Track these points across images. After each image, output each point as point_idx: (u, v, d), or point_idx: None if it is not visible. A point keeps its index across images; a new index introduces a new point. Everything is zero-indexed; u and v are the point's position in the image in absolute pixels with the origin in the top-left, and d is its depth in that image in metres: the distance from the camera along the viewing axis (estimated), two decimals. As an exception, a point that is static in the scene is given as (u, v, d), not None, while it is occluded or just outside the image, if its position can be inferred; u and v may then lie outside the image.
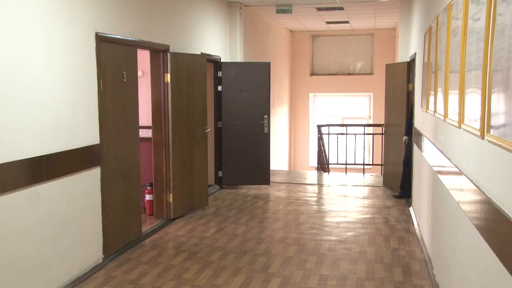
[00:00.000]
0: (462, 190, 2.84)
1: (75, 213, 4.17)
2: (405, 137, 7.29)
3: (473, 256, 2.58)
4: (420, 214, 5.56)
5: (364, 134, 10.10)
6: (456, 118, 3.04)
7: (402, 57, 7.95)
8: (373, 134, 10.72)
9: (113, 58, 4.76)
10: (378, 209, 6.75)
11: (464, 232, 2.82)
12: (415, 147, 6.41)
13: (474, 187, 2.48)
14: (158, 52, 5.84)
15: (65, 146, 4.01)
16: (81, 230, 4.27)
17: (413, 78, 6.90)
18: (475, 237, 2.46)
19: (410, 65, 7.22)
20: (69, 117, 4.07)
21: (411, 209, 6.57)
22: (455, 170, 3.10)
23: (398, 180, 7.65)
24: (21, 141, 3.52)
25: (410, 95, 7.21)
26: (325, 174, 9.82)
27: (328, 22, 11.67)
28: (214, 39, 7.67)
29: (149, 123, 6.09)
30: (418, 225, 5.68)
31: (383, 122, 8.61)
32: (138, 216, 5.32)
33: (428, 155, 4.75)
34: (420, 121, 5.75)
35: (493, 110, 2.11)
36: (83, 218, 4.30)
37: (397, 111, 7.63)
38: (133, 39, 5.07)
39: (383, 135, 8.58)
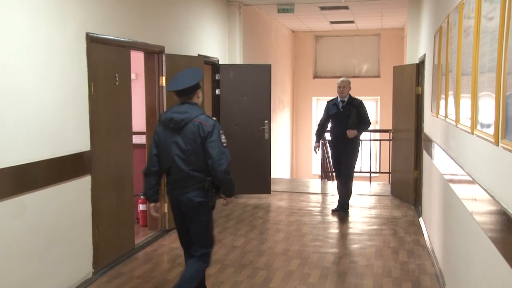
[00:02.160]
0: (475, 200, 2.82)
1: (63, 225, 4.15)
2: (315, 144, 7.03)
3: (488, 270, 2.56)
4: (430, 225, 5.54)
5: (370, 140, 10.09)
6: (468, 123, 3.03)
7: (411, 58, 7.94)
8: (380, 140, 10.71)
9: (105, 60, 4.76)
10: (386, 219, 6.72)
11: (478, 245, 2.80)
12: (424, 153, 6.40)
13: (489, 197, 2.46)
14: (153, 54, 5.84)
15: (53, 153, 3.99)
16: (70, 243, 4.25)
17: (422, 81, 6.90)
18: (490, 250, 2.43)
19: (419, 67, 7.21)
20: (57, 122, 4.05)
21: (421, 219, 6.54)
22: (467, 178, 3.08)
23: (407, 188, 7.63)
24: (5, 148, 3.50)
25: (419, 99, 7.20)
26: (329, 182, 9.79)
27: (332, 22, 11.69)
28: (212, 40, 7.68)
29: (143, 129, 6.07)
30: (428, 237, 5.66)
31: (390, 128, 8.59)
32: (131, 228, 5.29)
33: (438, 163, 4.73)
34: (430, 126, 5.74)
35: (508, 114, 2.09)
36: (72, 230, 4.28)
37: (405, 116, 7.62)
38: (126, 39, 5.06)
39: (391, 141, 8.56)
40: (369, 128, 7.02)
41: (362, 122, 6.65)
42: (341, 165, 6.83)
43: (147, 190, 3.73)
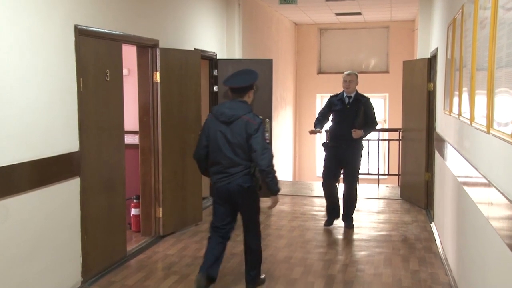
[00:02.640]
0: (491, 204, 2.81)
1: (50, 231, 4.13)
2: (317, 129, 6.45)
3: (506, 280, 2.54)
4: (443, 231, 5.53)
5: (378, 140, 10.07)
6: (484, 122, 3.01)
7: (422, 53, 7.93)
8: (388, 140, 10.69)
9: (95, 54, 4.74)
10: (395, 225, 6.70)
11: (495, 252, 2.79)
12: (437, 154, 6.38)
13: (506, 201, 2.45)
14: (146, 48, 5.82)
15: (39, 154, 3.97)
16: (57, 250, 4.23)
17: (435, 76, 6.88)
18: (508, 258, 2.42)
19: (431, 62, 7.20)
20: (44, 121, 4.04)
21: (433, 225, 6.53)
22: (483, 181, 3.07)
23: (418, 191, 7.61)
24: (-11, 148, 3.49)
25: (431, 96, 7.18)
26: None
27: (337, 14, 11.67)
28: (210, 34, 7.66)
29: (136, 128, 6.06)
30: (441, 243, 5.64)
31: (400, 127, 8.58)
32: (123, 233, 5.28)
33: (451, 164, 4.72)
34: (443, 125, 5.73)
35: (528, 112, 2.07)
36: (60, 236, 4.26)
37: (416, 114, 7.60)
38: (118, 32, 5.05)
39: (400, 141, 8.54)
40: (376, 128, 6.76)
41: (369, 122, 6.30)
42: (338, 169, 6.50)
43: (203, 171, 4.49)
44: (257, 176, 4.22)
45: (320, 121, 6.58)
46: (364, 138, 6.51)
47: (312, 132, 6.57)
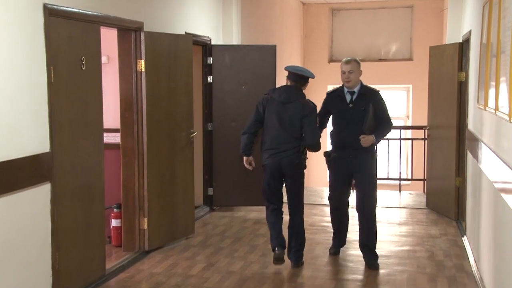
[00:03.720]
0: (536, 215, 2.77)
1: (15, 246, 4.11)
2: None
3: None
4: (478, 246, 5.51)
5: (400, 139, 10.05)
6: (527, 117, 2.98)
7: (452, 37, 7.92)
8: (412, 139, 10.67)
9: (69, 39, 4.74)
10: (420, 239, 6.69)
11: (540, 273, 2.75)
12: (469, 156, 6.35)
13: (554, 212, 2.41)
14: (129, 32, 5.82)
15: (2, 155, 3.95)
16: (23, 269, 4.21)
17: (467, 64, 6.88)
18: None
19: (462, 47, 7.20)
20: (8, 117, 4.02)
21: (465, 239, 6.51)
22: (526, 187, 3.03)
23: (447, 199, 7.59)
24: None
25: (462, 87, 7.16)
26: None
27: (352, -8, 11.66)
28: (203, 15, 7.66)
29: (117, 125, 6.06)
30: (475, 261, 5.64)
31: (425, 124, 8.57)
32: (101, 249, 5.28)
33: (487, 168, 4.69)
34: (477, 121, 5.71)
35: None
36: (26, 252, 4.24)
37: (444, 109, 7.60)
38: (96, 13, 5.03)
39: (426, 141, 8.52)
40: (391, 130, 5.95)
41: (383, 124, 5.63)
42: (348, 185, 5.86)
43: (244, 146, 5.60)
44: (305, 154, 5.42)
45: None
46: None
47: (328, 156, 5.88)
